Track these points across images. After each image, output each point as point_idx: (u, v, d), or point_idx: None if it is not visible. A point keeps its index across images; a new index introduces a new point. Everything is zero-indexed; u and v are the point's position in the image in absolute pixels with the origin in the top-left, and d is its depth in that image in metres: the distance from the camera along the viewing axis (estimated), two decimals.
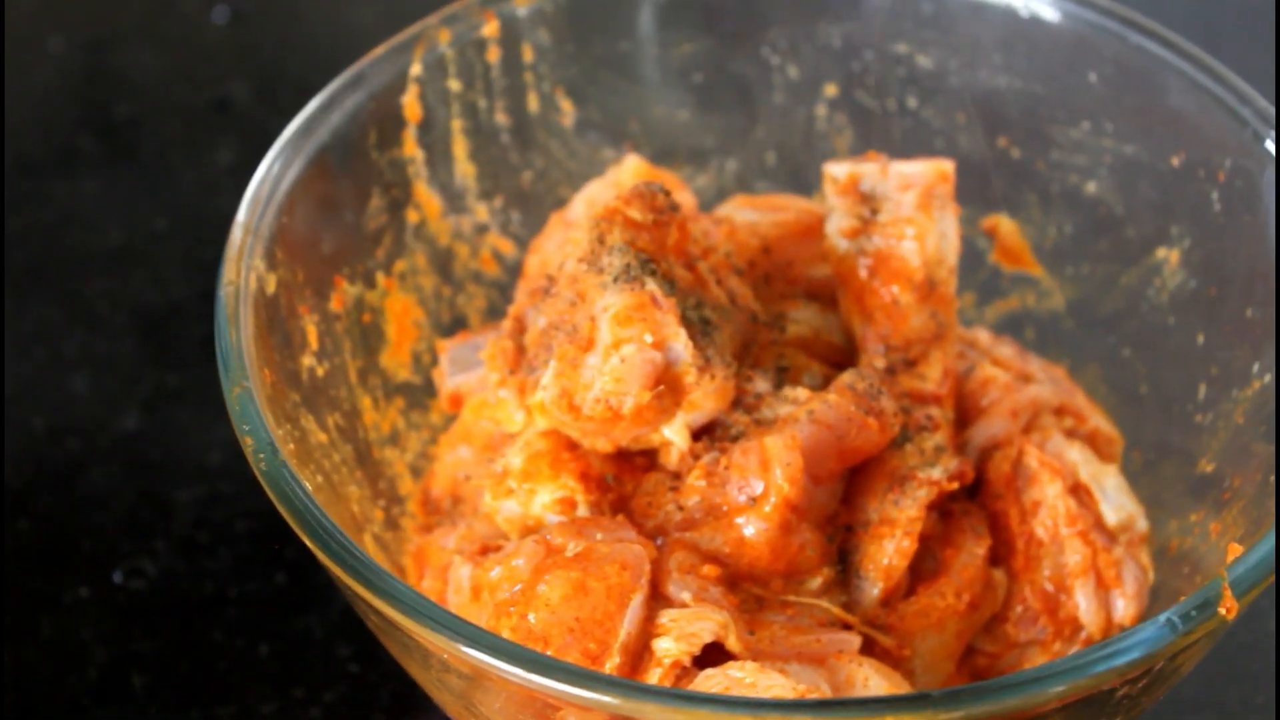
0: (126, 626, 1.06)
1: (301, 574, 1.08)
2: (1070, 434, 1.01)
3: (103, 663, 1.05)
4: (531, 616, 0.86)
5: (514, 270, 1.08)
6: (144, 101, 1.38)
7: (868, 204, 0.98)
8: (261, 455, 0.85)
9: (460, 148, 1.07)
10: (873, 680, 0.87)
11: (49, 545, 1.11)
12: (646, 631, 0.87)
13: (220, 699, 1.03)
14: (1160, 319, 1.04)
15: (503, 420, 0.97)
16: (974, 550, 0.94)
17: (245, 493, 1.10)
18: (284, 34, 1.43)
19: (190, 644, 1.06)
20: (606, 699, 0.76)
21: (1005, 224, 1.10)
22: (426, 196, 1.06)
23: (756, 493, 0.90)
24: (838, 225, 0.99)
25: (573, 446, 0.93)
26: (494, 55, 1.06)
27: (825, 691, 0.87)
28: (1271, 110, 0.98)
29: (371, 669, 1.04)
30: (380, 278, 1.03)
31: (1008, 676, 0.77)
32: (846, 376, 0.93)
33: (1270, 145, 0.97)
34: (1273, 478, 0.91)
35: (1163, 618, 0.79)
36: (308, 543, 0.82)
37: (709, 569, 0.90)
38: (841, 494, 0.94)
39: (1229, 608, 0.79)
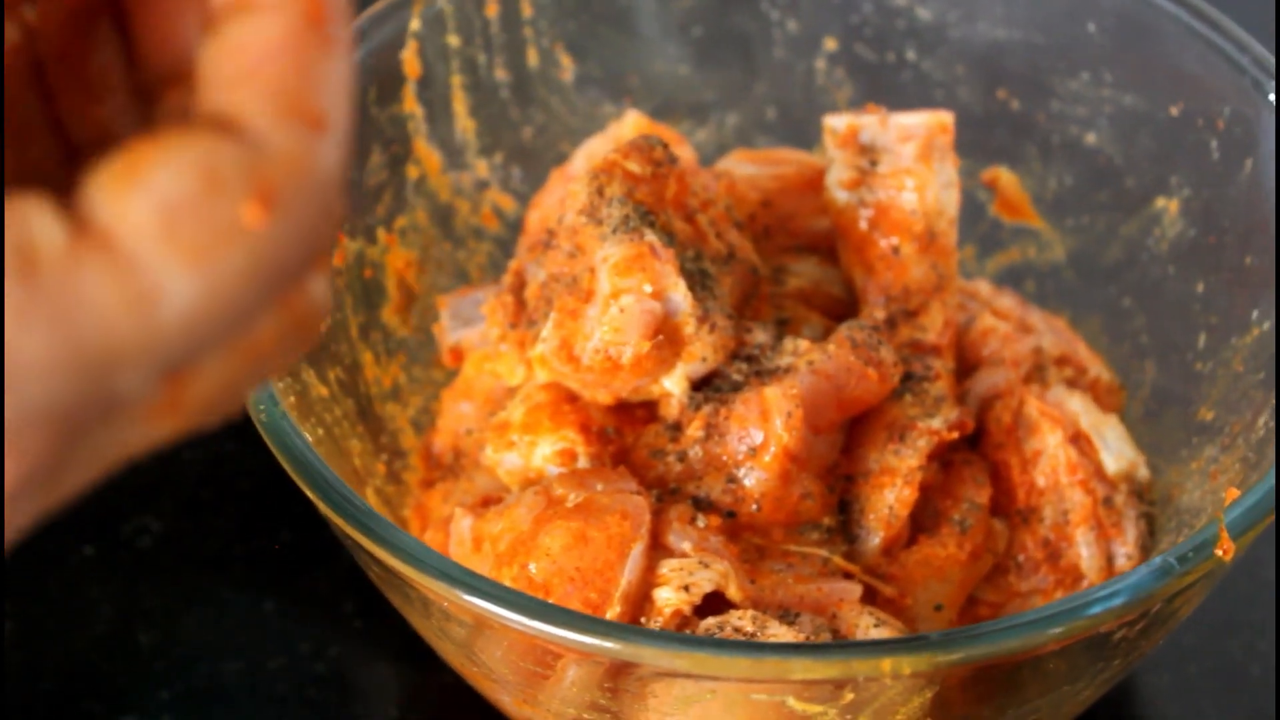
0: (133, 584, 1.07)
1: (305, 531, 1.08)
2: (1071, 384, 1.01)
3: (109, 620, 1.05)
4: (532, 566, 0.86)
5: (515, 226, 1.08)
6: None
7: (867, 156, 0.99)
8: (261, 406, 0.85)
9: (460, 103, 1.07)
10: (874, 629, 0.88)
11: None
12: (647, 581, 0.87)
13: (226, 655, 1.04)
14: (1160, 269, 1.04)
15: (504, 374, 0.97)
16: (975, 500, 0.95)
17: (250, 451, 1.10)
18: None
19: (196, 601, 1.06)
20: (607, 644, 0.77)
21: (1005, 176, 1.10)
22: (426, 152, 1.06)
23: (756, 443, 0.90)
24: (837, 177, 0.99)
25: (573, 399, 0.94)
26: (493, 10, 1.06)
27: (827, 639, 0.87)
28: (1270, 58, 0.98)
29: (376, 624, 1.04)
30: (381, 233, 1.03)
31: (1005, 619, 0.77)
32: (846, 328, 0.93)
33: (1270, 93, 0.97)
34: (1272, 423, 0.91)
35: (1159, 559, 0.79)
36: (308, 492, 0.83)
37: (710, 519, 0.90)
38: (842, 444, 0.94)
39: (1226, 549, 0.80)
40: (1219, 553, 0.80)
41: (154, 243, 0.48)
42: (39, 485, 0.50)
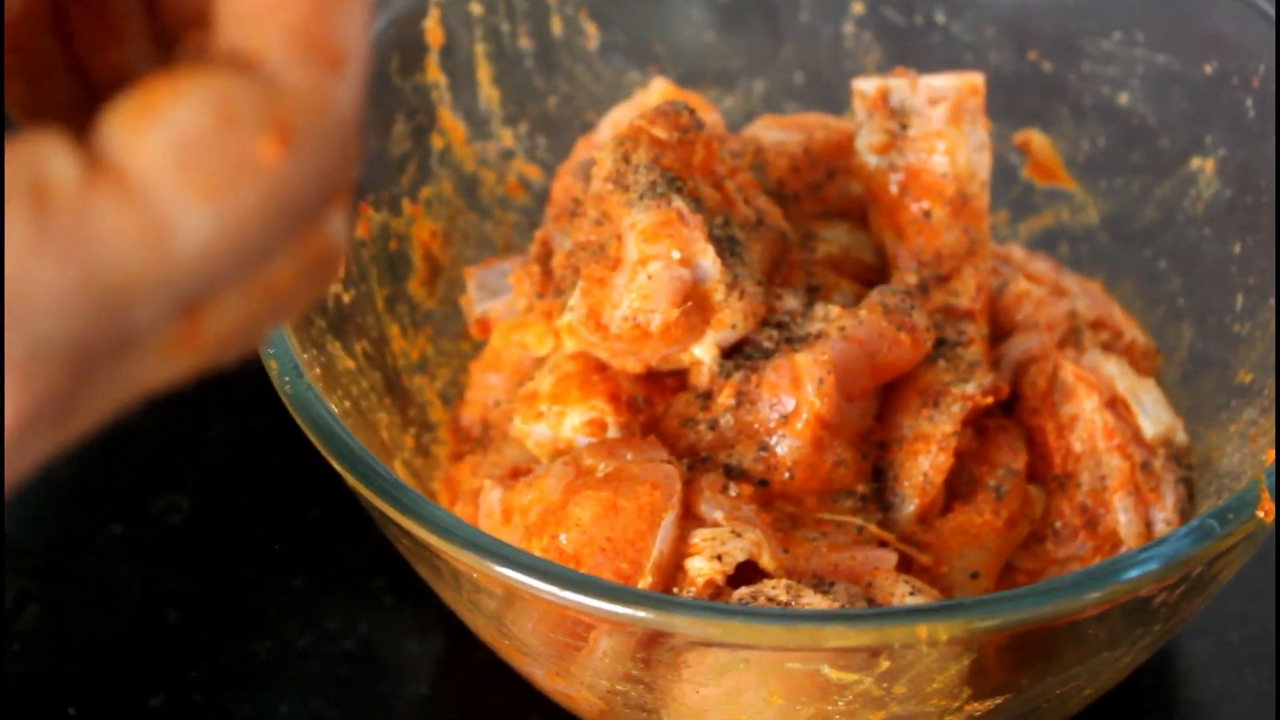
0: (160, 563, 1.06)
1: (334, 508, 1.07)
2: (1107, 348, 1.00)
3: (137, 599, 1.05)
4: (563, 537, 0.85)
5: (541, 196, 1.07)
6: None
7: (897, 119, 0.97)
8: (286, 378, 0.85)
9: (484, 73, 1.06)
10: (910, 597, 0.87)
11: (82, 483, 1.10)
12: (679, 551, 0.86)
13: (255, 633, 1.03)
14: (1196, 230, 1.03)
15: (531, 344, 0.96)
16: (1011, 466, 0.94)
17: (277, 428, 1.09)
18: None
19: (224, 579, 1.06)
20: (639, 613, 0.76)
21: (1037, 139, 1.09)
22: (451, 122, 1.05)
23: (788, 410, 0.89)
24: (867, 141, 0.98)
25: (602, 368, 0.93)
26: None
27: (862, 608, 0.86)
28: None
29: (406, 601, 1.04)
30: (406, 205, 1.02)
31: (1043, 583, 0.76)
32: (877, 293, 0.92)
33: None
34: None
35: (1198, 521, 0.78)
36: (335, 465, 0.82)
37: (742, 488, 0.89)
38: (875, 411, 0.93)
39: (1267, 510, 0.78)
40: (1260, 514, 0.78)
41: (169, 177, 0.48)
42: (50, 420, 0.49)
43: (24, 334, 0.48)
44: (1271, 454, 0.84)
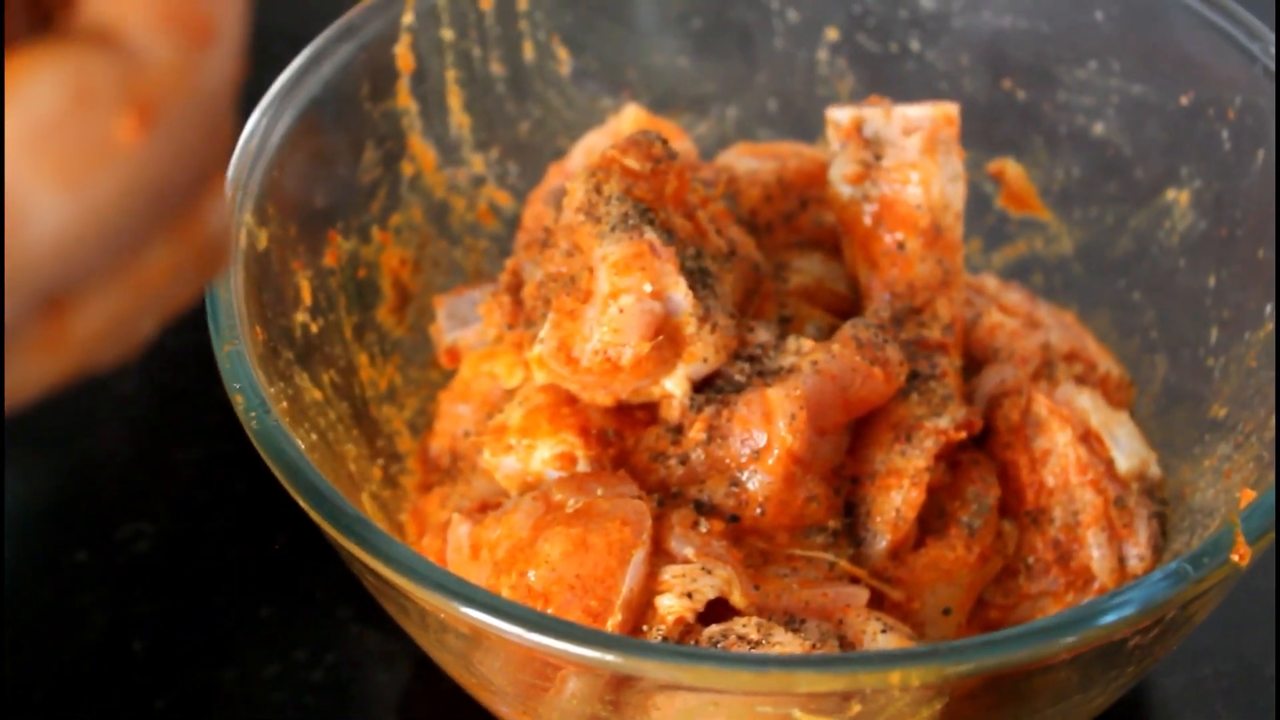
0: (126, 590, 1.05)
1: (302, 535, 1.06)
2: (1080, 380, 0.99)
3: (102, 627, 1.03)
4: (531, 574, 0.84)
5: (512, 223, 1.06)
6: None
7: (871, 149, 0.97)
8: (253, 414, 0.84)
9: (455, 98, 1.05)
10: (882, 634, 0.86)
11: (47, 509, 1.09)
12: (649, 588, 0.85)
13: (222, 662, 1.02)
14: (1171, 262, 1.02)
15: (501, 375, 0.95)
16: (984, 500, 0.93)
17: (244, 453, 1.08)
18: None
19: (191, 607, 1.05)
20: (607, 657, 0.75)
21: (1012, 167, 1.08)
22: (421, 149, 1.04)
23: (760, 445, 0.88)
24: (841, 171, 0.97)
25: (572, 401, 0.92)
26: (488, 3, 1.04)
27: (833, 646, 0.85)
28: None
29: (373, 630, 1.03)
30: (375, 232, 1.02)
31: (1017, 628, 0.75)
32: (850, 326, 0.91)
33: None
34: None
35: (1174, 565, 0.77)
36: (300, 502, 0.81)
37: (713, 524, 0.88)
38: (847, 445, 0.92)
39: (1241, 554, 0.78)
40: (1235, 558, 0.78)
41: (22, 161, 0.46)
42: None
43: None
44: (1247, 493, 0.83)
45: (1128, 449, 0.96)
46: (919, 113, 0.96)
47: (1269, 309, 0.94)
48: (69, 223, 0.46)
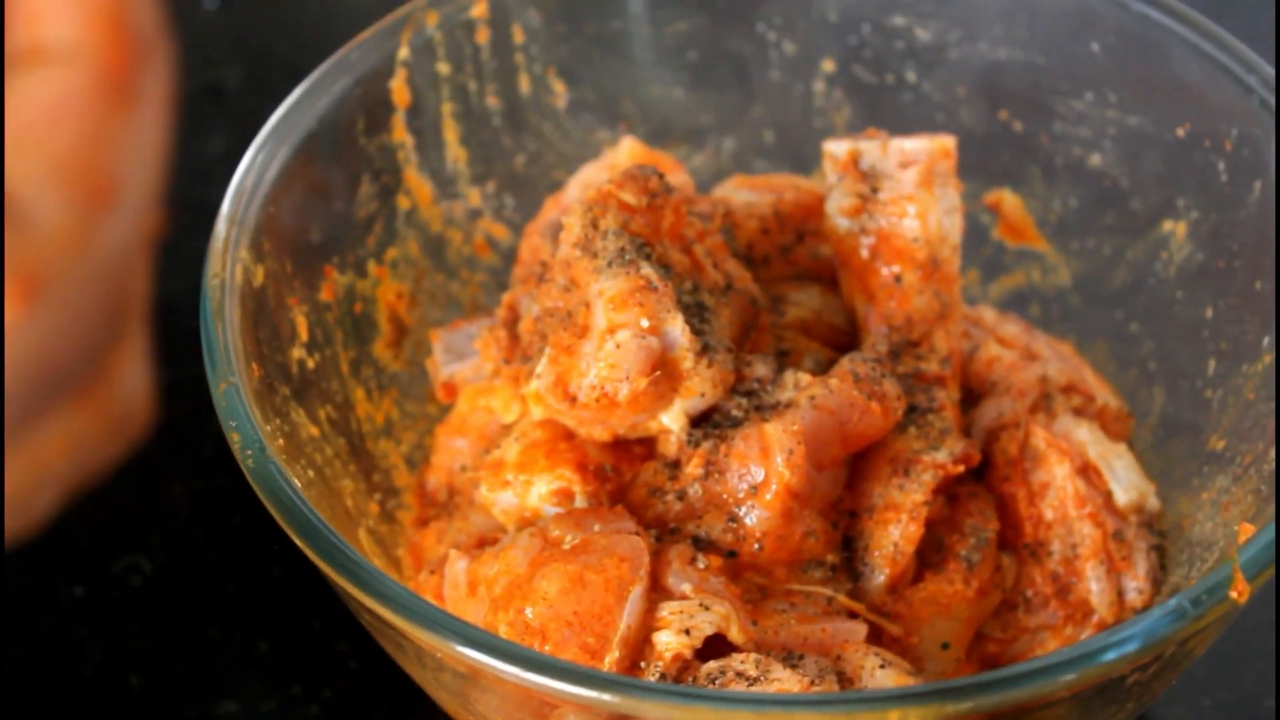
0: (123, 624, 1.05)
1: (299, 569, 1.06)
2: (1079, 412, 0.99)
3: (99, 661, 1.03)
4: (529, 611, 0.84)
5: (509, 256, 1.06)
6: None
7: (868, 182, 0.96)
8: (249, 452, 0.83)
9: (451, 132, 1.05)
10: (880, 670, 0.86)
11: (43, 543, 1.09)
12: (647, 624, 0.85)
13: (219, 696, 1.02)
14: (1168, 293, 1.02)
15: (498, 410, 0.95)
16: (982, 534, 0.93)
17: (240, 486, 1.08)
18: (276, 19, 1.41)
19: (188, 641, 1.04)
20: (605, 697, 0.75)
21: (1009, 199, 1.08)
22: (417, 182, 1.04)
23: (758, 480, 0.88)
24: (838, 204, 0.97)
25: (569, 436, 0.92)
26: (483, 37, 1.04)
27: (832, 682, 0.85)
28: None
29: (371, 665, 1.02)
30: (372, 266, 1.01)
31: (1017, 666, 0.75)
32: (848, 360, 0.91)
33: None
34: None
35: (1173, 602, 0.77)
36: (296, 541, 0.81)
37: (710, 559, 0.88)
38: (845, 480, 0.92)
39: (1240, 591, 0.78)
40: (1233, 594, 0.77)
41: None
42: None
43: None
44: (1245, 528, 0.83)
45: (1126, 481, 0.96)
46: (915, 145, 0.96)
47: (1267, 341, 0.94)
48: None
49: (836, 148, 0.97)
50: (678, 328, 0.88)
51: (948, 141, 0.96)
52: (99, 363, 0.45)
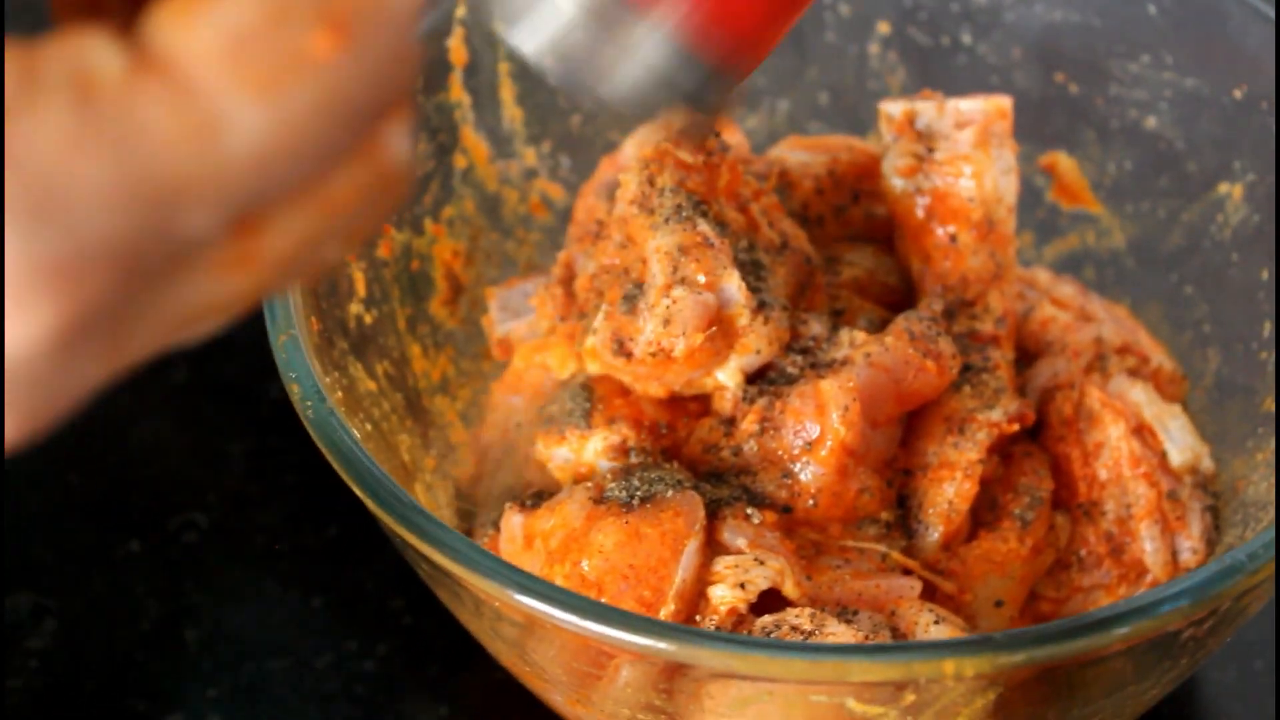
0: (179, 580, 1.06)
1: (353, 527, 1.07)
2: (1133, 373, 0.99)
3: (155, 617, 1.04)
4: (585, 564, 0.84)
5: (564, 215, 1.07)
6: None
7: (924, 142, 0.97)
8: (308, 402, 0.84)
9: (507, 91, 1.05)
10: (934, 626, 0.86)
11: (100, 499, 1.10)
12: (702, 579, 0.85)
13: (273, 652, 1.03)
14: (1223, 255, 1.02)
15: (554, 367, 0.95)
16: (1036, 493, 0.93)
17: (295, 446, 1.09)
18: None
19: (243, 597, 1.05)
20: (661, 645, 0.75)
21: (1064, 161, 1.08)
22: (474, 141, 1.04)
23: (813, 437, 0.89)
24: (894, 164, 0.97)
25: (625, 392, 0.92)
26: None
27: (886, 637, 0.85)
28: None
29: (425, 621, 1.03)
30: (428, 224, 1.02)
31: (1071, 619, 0.75)
32: (903, 319, 0.91)
33: None
34: None
35: (1228, 557, 0.77)
36: (356, 489, 0.81)
37: (765, 515, 0.88)
38: (900, 437, 0.92)
39: None
40: None
41: (218, 71, 0.46)
42: (99, 334, 0.46)
43: (66, 232, 0.45)
44: None
45: (1180, 442, 0.96)
46: (971, 106, 0.96)
47: None
48: (265, 135, 0.46)
49: (893, 108, 0.97)
50: (734, 284, 0.88)
51: (1004, 102, 0.96)
52: (382, 118, 0.48)
